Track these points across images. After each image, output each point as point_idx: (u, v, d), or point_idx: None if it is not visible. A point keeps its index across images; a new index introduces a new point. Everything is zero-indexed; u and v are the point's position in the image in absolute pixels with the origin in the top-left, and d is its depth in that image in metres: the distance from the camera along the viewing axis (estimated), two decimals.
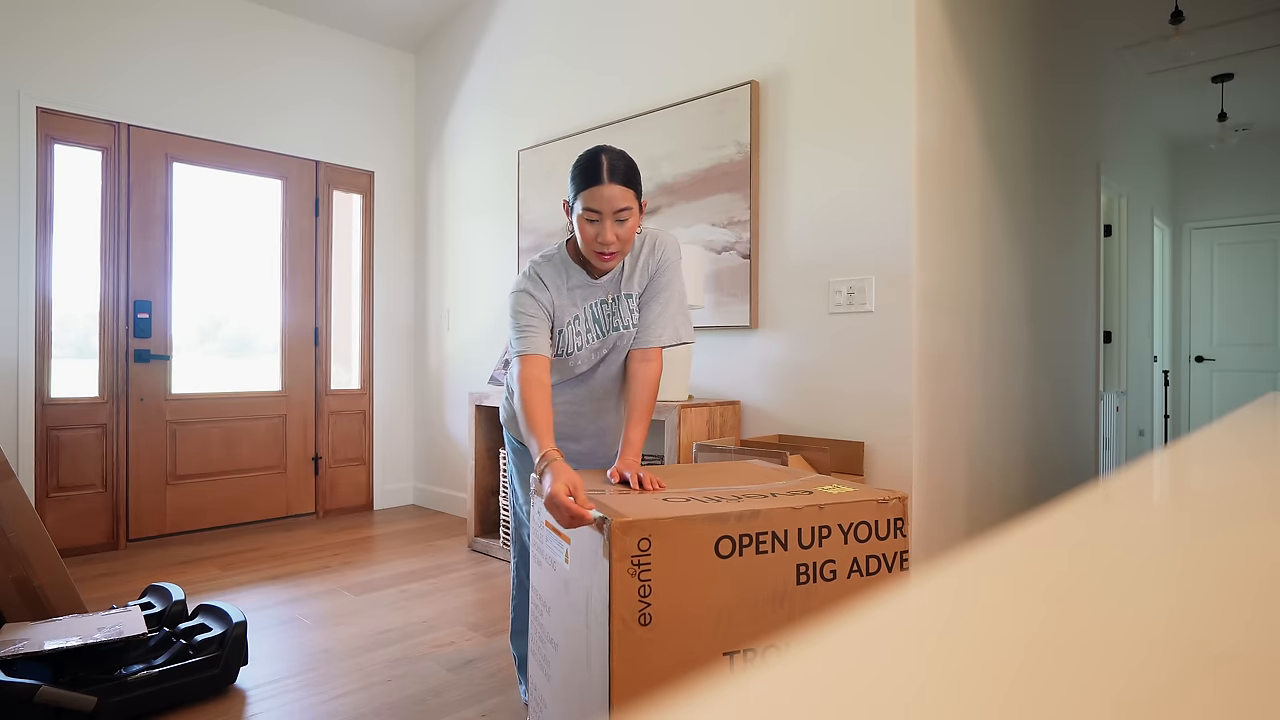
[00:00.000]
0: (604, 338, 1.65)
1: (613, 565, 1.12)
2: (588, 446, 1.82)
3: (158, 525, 3.62)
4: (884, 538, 1.29)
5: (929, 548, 2.47)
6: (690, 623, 1.16)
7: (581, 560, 1.24)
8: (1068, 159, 3.69)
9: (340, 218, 4.32)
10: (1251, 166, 5.98)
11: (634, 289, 1.64)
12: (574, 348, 1.64)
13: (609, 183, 1.46)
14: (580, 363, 1.68)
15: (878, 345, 2.44)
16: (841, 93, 2.53)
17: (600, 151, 1.50)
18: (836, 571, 1.26)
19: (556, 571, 1.35)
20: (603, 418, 1.78)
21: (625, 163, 1.50)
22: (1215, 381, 6.12)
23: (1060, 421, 3.61)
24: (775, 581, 1.22)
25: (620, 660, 1.12)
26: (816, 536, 1.25)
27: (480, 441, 3.45)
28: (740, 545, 1.20)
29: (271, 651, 2.26)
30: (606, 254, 1.51)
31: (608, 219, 1.48)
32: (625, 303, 1.64)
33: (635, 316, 1.65)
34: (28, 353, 3.23)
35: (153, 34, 3.59)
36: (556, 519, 1.25)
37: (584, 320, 1.63)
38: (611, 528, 1.12)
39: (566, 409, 1.76)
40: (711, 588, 1.18)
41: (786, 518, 1.23)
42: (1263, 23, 3.98)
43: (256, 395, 3.95)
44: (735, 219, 2.80)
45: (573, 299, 1.63)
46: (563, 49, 3.58)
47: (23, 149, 3.23)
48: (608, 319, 1.64)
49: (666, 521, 1.15)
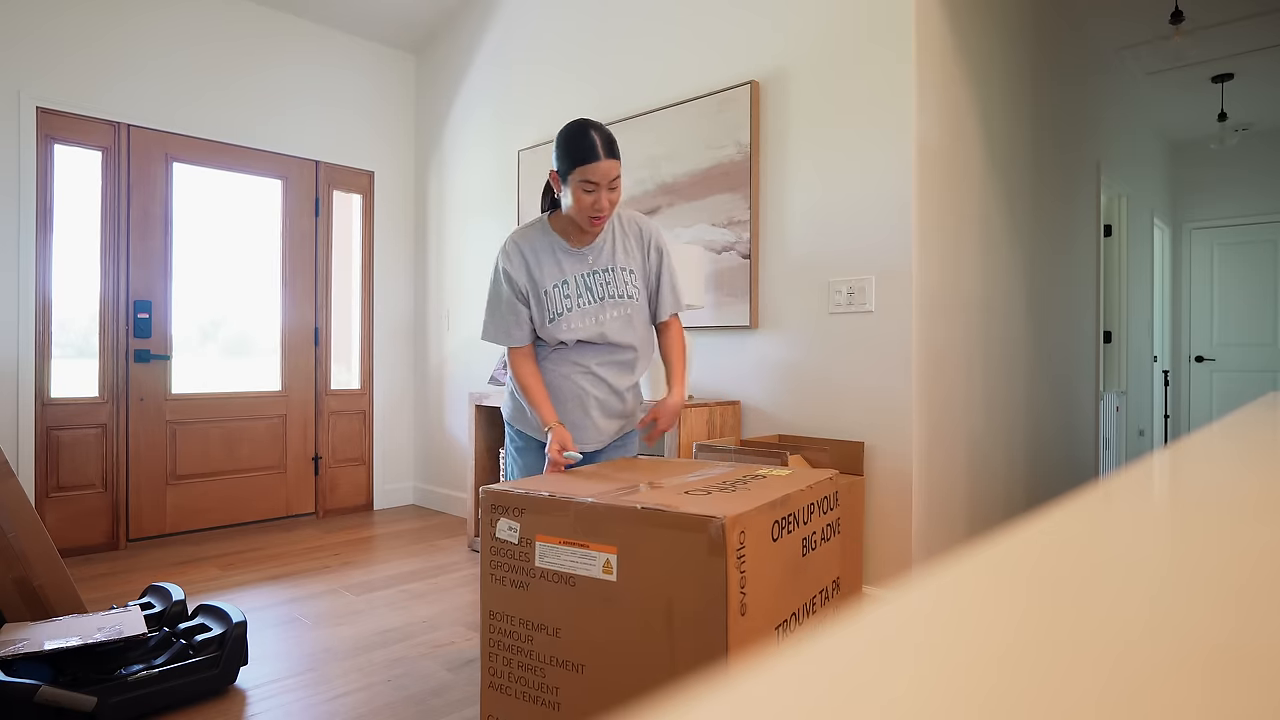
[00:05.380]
0: (600, 304, 1.74)
1: (728, 561, 1.13)
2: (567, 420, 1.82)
3: (158, 525, 3.62)
4: (833, 508, 1.52)
5: (929, 547, 2.47)
6: (762, 606, 1.21)
7: (651, 564, 1.18)
8: (1068, 159, 3.69)
9: (340, 218, 4.32)
10: (1251, 166, 5.98)
11: (630, 264, 1.78)
12: (562, 309, 1.73)
13: (605, 158, 1.62)
14: (573, 326, 1.72)
15: (878, 345, 2.44)
16: (841, 92, 2.53)
17: (588, 126, 1.63)
18: (820, 540, 1.44)
19: (576, 587, 1.28)
20: (579, 411, 1.79)
21: (610, 135, 1.66)
22: (1215, 381, 6.12)
23: (1060, 421, 3.61)
24: (794, 556, 1.33)
25: (735, 658, 1.13)
26: (816, 511, 1.41)
27: (480, 441, 3.45)
28: (784, 528, 1.29)
29: (271, 651, 2.26)
30: (599, 218, 1.67)
31: (604, 188, 1.64)
32: (621, 274, 1.76)
33: (633, 288, 1.77)
34: (28, 353, 3.23)
35: (153, 34, 3.59)
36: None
37: (572, 285, 1.74)
38: (725, 525, 1.12)
39: (552, 380, 1.79)
40: (770, 570, 1.24)
41: (800, 499, 1.35)
42: (1263, 23, 3.98)
43: (256, 395, 3.95)
44: (735, 219, 2.80)
45: (558, 265, 1.74)
46: (563, 49, 3.58)
47: (23, 149, 3.23)
48: (603, 287, 1.75)
49: (750, 514, 1.19)
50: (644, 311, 1.82)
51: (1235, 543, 0.32)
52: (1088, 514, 0.37)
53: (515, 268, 1.73)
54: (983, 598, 0.26)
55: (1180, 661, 0.20)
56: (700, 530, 1.13)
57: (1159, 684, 0.19)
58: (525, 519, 1.33)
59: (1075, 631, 0.23)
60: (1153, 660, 0.20)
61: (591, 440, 1.82)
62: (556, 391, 1.78)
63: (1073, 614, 0.24)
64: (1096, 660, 0.21)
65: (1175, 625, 0.23)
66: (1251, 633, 0.22)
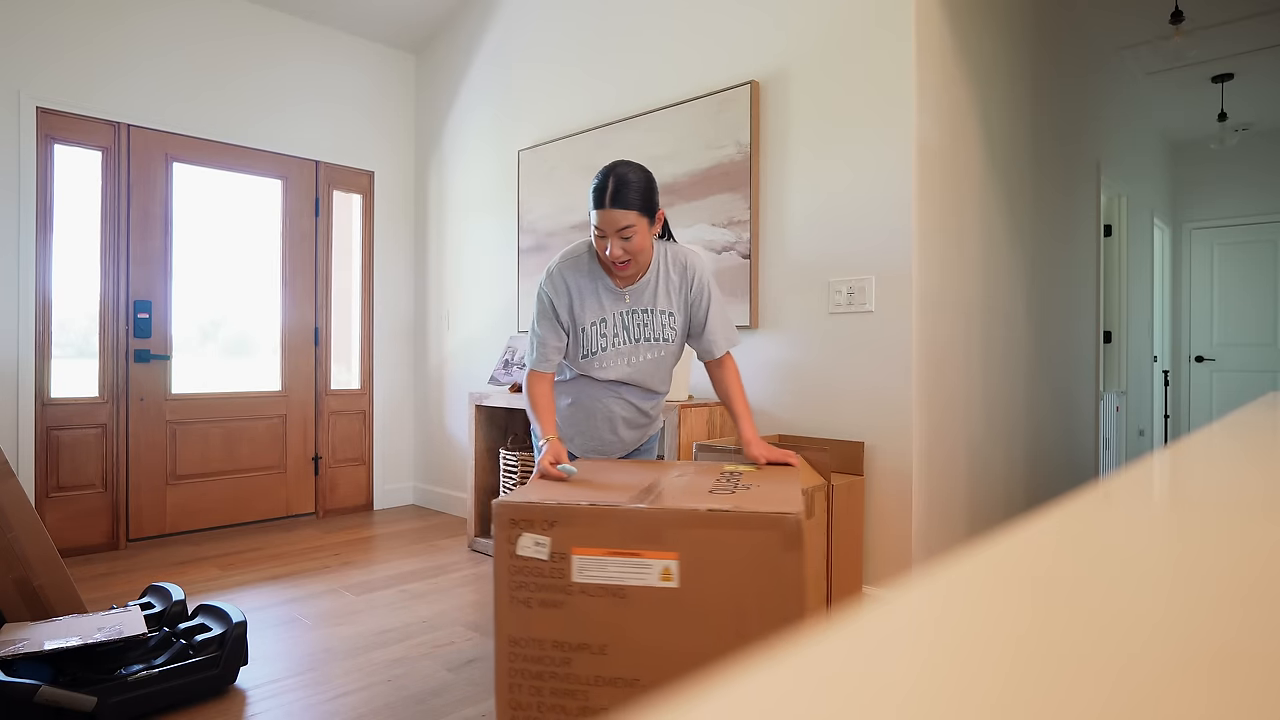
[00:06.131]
0: (635, 345, 1.70)
1: (802, 557, 1.14)
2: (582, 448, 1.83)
3: (158, 525, 3.62)
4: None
5: (929, 547, 2.47)
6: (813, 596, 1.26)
7: (718, 568, 1.17)
8: (1068, 159, 3.69)
9: (340, 218, 4.32)
10: (1251, 166, 5.98)
11: (671, 307, 1.70)
12: (597, 348, 1.69)
13: (610, 207, 1.54)
14: (606, 365, 1.70)
15: (878, 345, 2.44)
16: (842, 93, 2.53)
17: (611, 171, 1.57)
18: None
19: (627, 599, 1.21)
20: (607, 429, 1.79)
21: (631, 183, 1.56)
22: (1215, 381, 6.12)
23: (1060, 421, 3.61)
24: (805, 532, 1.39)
25: None
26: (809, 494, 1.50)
27: (480, 441, 3.45)
28: (813, 509, 1.38)
29: (271, 651, 2.26)
30: (618, 265, 1.60)
31: (612, 236, 1.57)
32: (660, 317, 1.69)
33: (673, 332, 1.71)
34: (28, 353, 3.23)
35: (153, 34, 3.59)
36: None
37: (610, 324, 1.68)
38: (799, 521, 1.14)
39: (577, 412, 1.78)
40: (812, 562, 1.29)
41: (808, 479, 1.48)
42: (1263, 23, 3.98)
43: (256, 395, 3.95)
44: (735, 219, 2.80)
45: (600, 301, 1.68)
46: (563, 49, 3.58)
47: (23, 149, 3.23)
48: (640, 328, 1.69)
49: (800, 502, 1.24)
50: (676, 355, 1.79)
51: (1236, 543, 0.32)
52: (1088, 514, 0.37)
53: (559, 298, 1.68)
54: (983, 598, 0.26)
55: (1181, 662, 0.20)
56: (774, 528, 1.14)
57: (1159, 684, 0.19)
58: (556, 532, 1.24)
59: (1075, 632, 0.23)
60: (1153, 661, 0.20)
61: (616, 452, 1.84)
62: (586, 410, 1.77)
63: (1072, 614, 0.24)
64: (1096, 660, 0.21)
65: (1176, 625, 0.23)
66: (1252, 633, 0.22)
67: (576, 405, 1.78)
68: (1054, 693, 0.18)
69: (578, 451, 1.84)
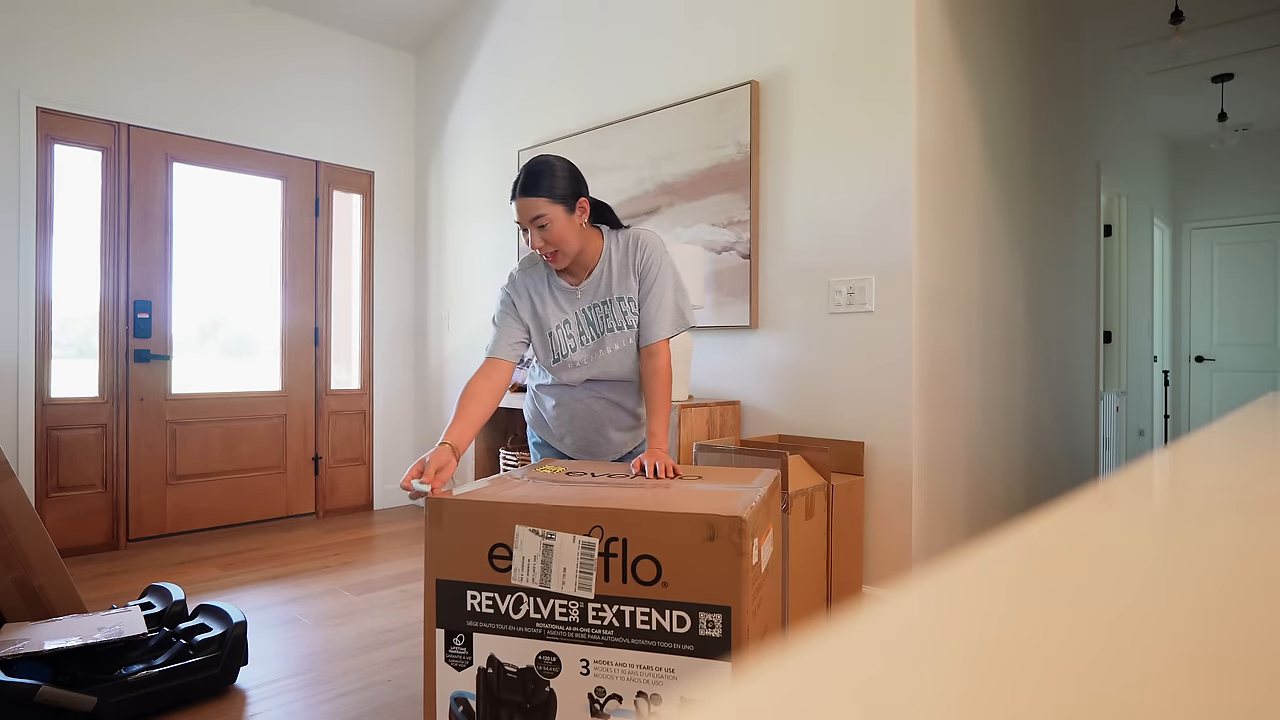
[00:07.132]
0: (600, 340, 1.68)
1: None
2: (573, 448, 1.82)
3: (158, 525, 3.62)
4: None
5: (929, 547, 2.47)
6: None
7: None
8: (1068, 159, 3.69)
9: (340, 218, 4.32)
10: (1251, 166, 5.98)
11: (627, 291, 1.67)
12: (567, 349, 1.68)
13: (520, 196, 1.55)
14: (579, 364, 1.70)
15: (878, 345, 2.44)
16: (842, 93, 2.53)
17: (531, 163, 1.57)
18: None
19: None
20: (593, 431, 1.78)
21: (540, 172, 1.55)
22: (1215, 381, 6.12)
23: (1060, 421, 3.61)
24: None
25: None
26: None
27: (480, 441, 3.45)
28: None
29: (271, 651, 2.26)
30: (546, 257, 1.60)
31: (530, 227, 1.56)
32: (618, 305, 1.67)
33: (631, 317, 1.68)
34: (28, 353, 3.23)
35: (153, 34, 3.59)
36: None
37: (574, 324, 1.67)
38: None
39: (562, 413, 1.77)
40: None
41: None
42: (1263, 23, 3.98)
43: (256, 395, 3.95)
44: (735, 219, 2.80)
45: (558, 304, 1.67)
46: (563, 49, 3.58)
47: (23, 149, 3.23)
48: (602, 320, 1.67)
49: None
50: None
51: (1236, 543, 0.32)
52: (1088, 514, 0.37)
53: (520, 298, 1.68)
54: (983, 598, 0.26)
55: (1181, 662, 0.20)
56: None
57: (1160, 685, 0.19)
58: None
59: (1075, 632, 0.23)
60: (1153, 661, 0.20)
61: (610, 456, 1.83)
62: (570, 411, 1.76)
63: (1072, 615, 0.24)
64: (1096, 661, 0.21)
65: (1176, 626, 0.23)
66: (1252, 633, 0.22)
67: (561, 407, 1.78)
68: (1054, 693, 0.18)
69: (569, 452, 1.83)
